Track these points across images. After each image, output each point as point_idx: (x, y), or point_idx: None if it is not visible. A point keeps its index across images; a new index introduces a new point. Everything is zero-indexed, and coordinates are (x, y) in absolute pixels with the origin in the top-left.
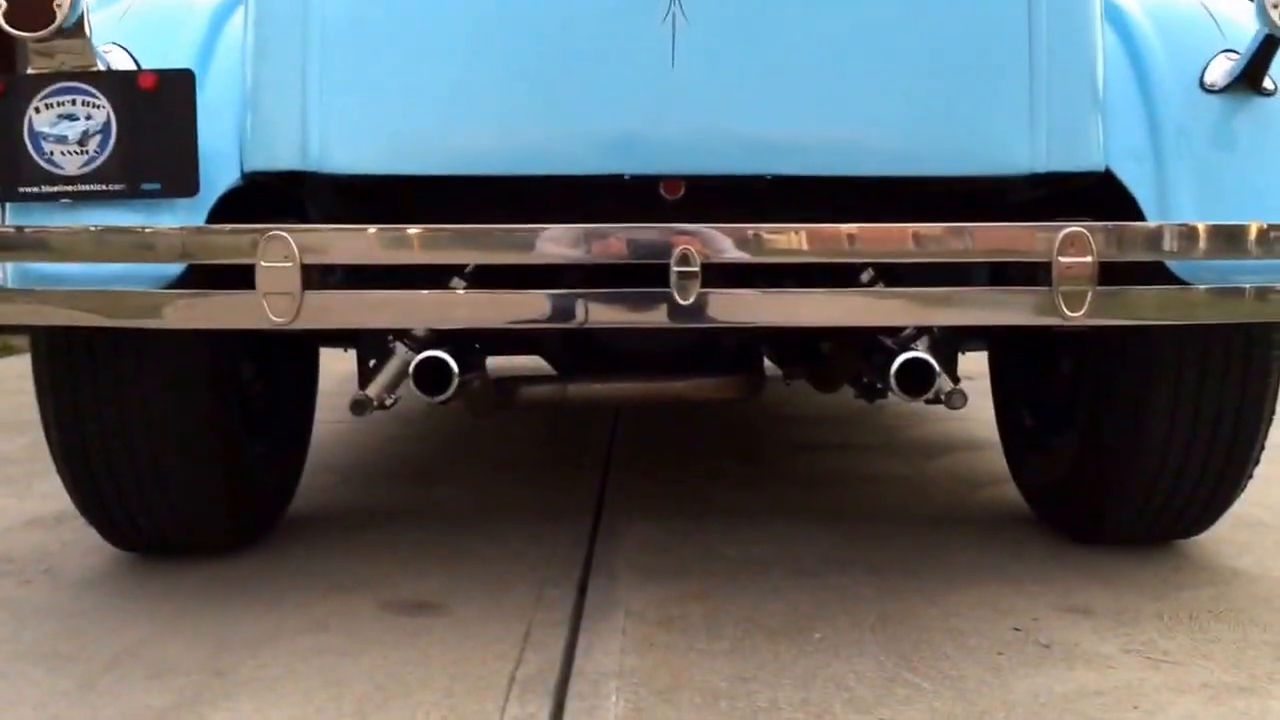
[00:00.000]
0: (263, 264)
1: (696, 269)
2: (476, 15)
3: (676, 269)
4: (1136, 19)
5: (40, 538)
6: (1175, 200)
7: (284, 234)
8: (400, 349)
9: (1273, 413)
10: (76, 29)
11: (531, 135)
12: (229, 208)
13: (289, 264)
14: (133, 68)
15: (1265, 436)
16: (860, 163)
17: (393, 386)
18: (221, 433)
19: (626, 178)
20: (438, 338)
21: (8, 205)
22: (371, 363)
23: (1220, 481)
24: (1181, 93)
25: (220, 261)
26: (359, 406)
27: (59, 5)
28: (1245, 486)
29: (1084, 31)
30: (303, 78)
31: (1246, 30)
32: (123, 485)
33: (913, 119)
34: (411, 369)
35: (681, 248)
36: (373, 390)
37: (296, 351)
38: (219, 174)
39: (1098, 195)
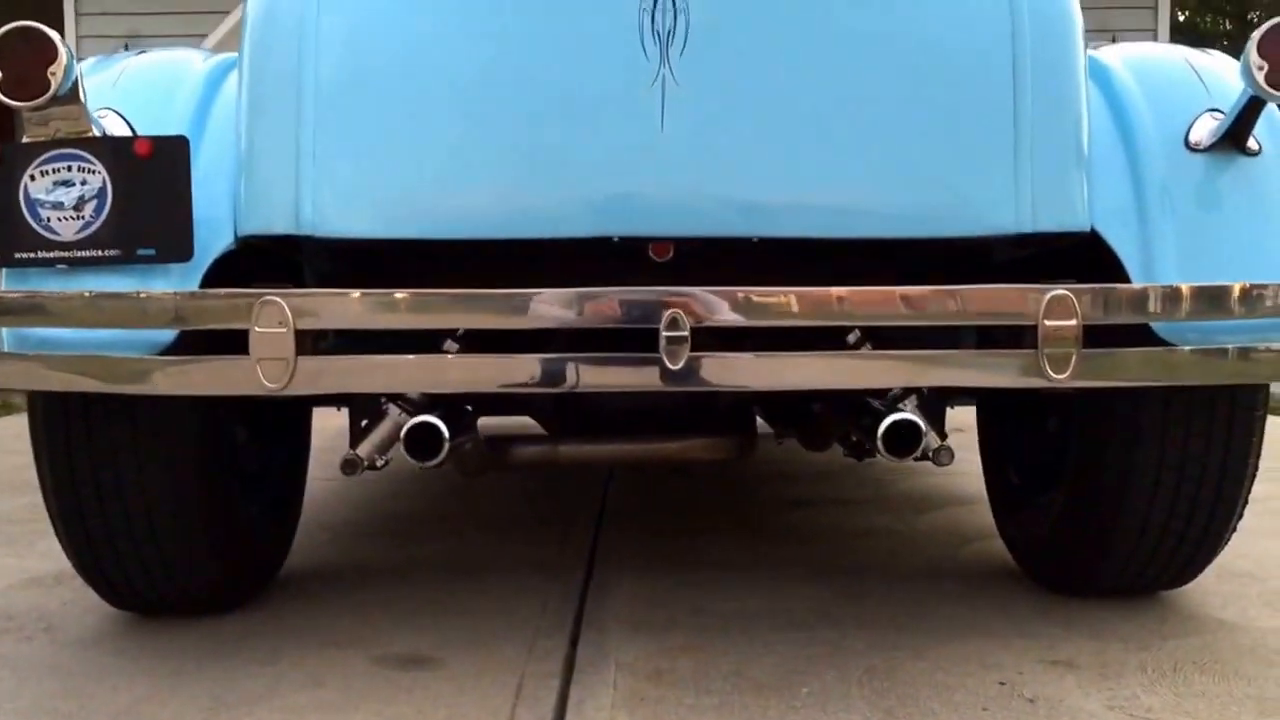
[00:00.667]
0: (256, 329)
1: (686, 333)
2: (467, 81)
3: (666, 333)
4: (1121, 77)
5: (40, 596)
6: (1159, 260)
7: (278, 299)
8: (393, 410)
9: (1256, 469)
10: (71, 96)
11: (522, 199)
12: (223, 267)
13: (283, 329)
14: (128, 133)
15: (1249, 492)
16: (848, 225)
17: (384, 448)
18: (216, 495)
19: (615, 240)
20: (430, 400)
21: (5, 270)
22: (363, 423)
23: (1205, 536)
24: (1166, 152)
25: (215, 327)
26: (350, 466)
27: (53, 74)
28: (1229, 540)
29: (1069, 93)
30: (296, 143)
31: (1231, 88)
32: (118, 546)
33: (899, 182)
34: (403, 434)
35: (671, 312)
36: (364, 450)
37: (289, 411)
38: (213, 238)
39: (1084, 250)
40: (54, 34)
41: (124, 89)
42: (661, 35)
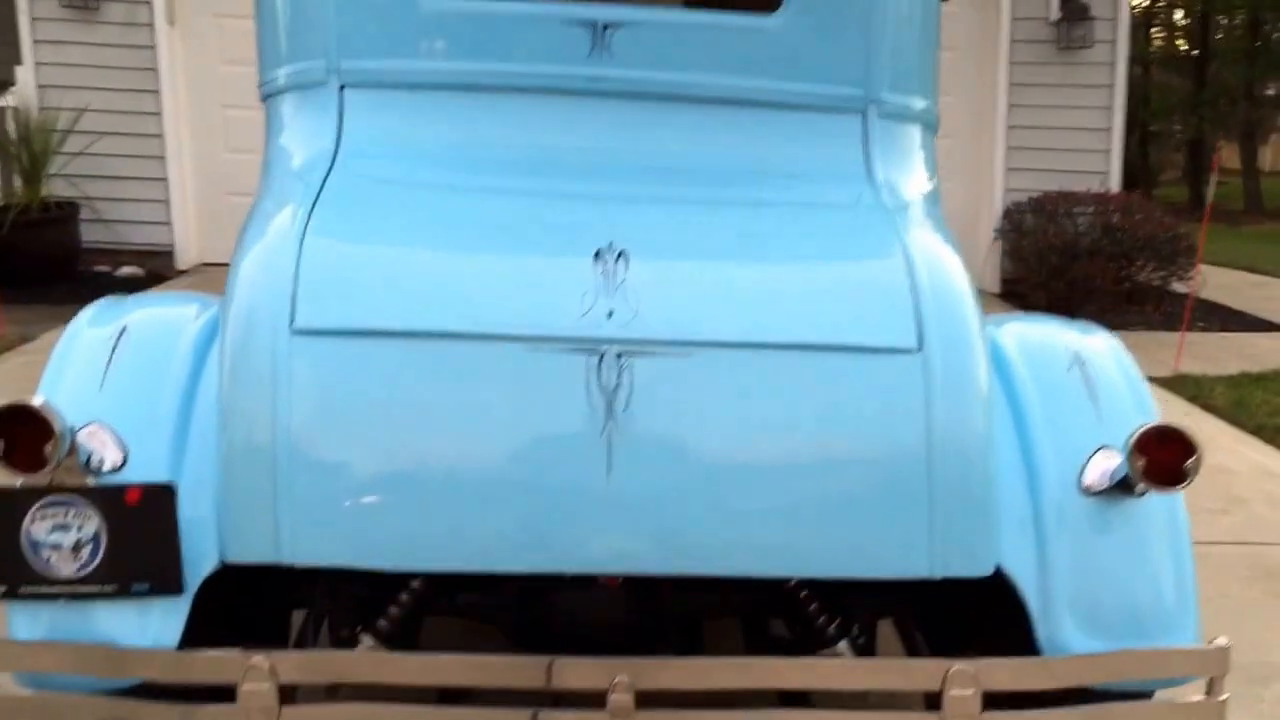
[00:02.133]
0: (244, 687)
1: (630, 696)
2: (428, 432)
3: (614, 696)
4: (1031, 411)
5: None
6: (1055, 596)
7: (263, 663)
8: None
9: None
10: (68, 456)
11: (480, 539)
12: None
13: (268, 685)
14: (115, 448)
15: None
16: (778, 566)
17: None
18: None
19: (568, 577)
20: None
21: (9, 603)
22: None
23: None
24: (1063, 496)
25: (205, 682)
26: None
27: (49, 451)
28: None
29: (978, 459)
30: (273, 485)
31: (1124, 423)
32: None
33: (826, 530)
34: None
35: (618, 677)
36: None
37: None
38: (200, 563)
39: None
40: (50, 413)
41: (109, 396)
42: (607, 391)
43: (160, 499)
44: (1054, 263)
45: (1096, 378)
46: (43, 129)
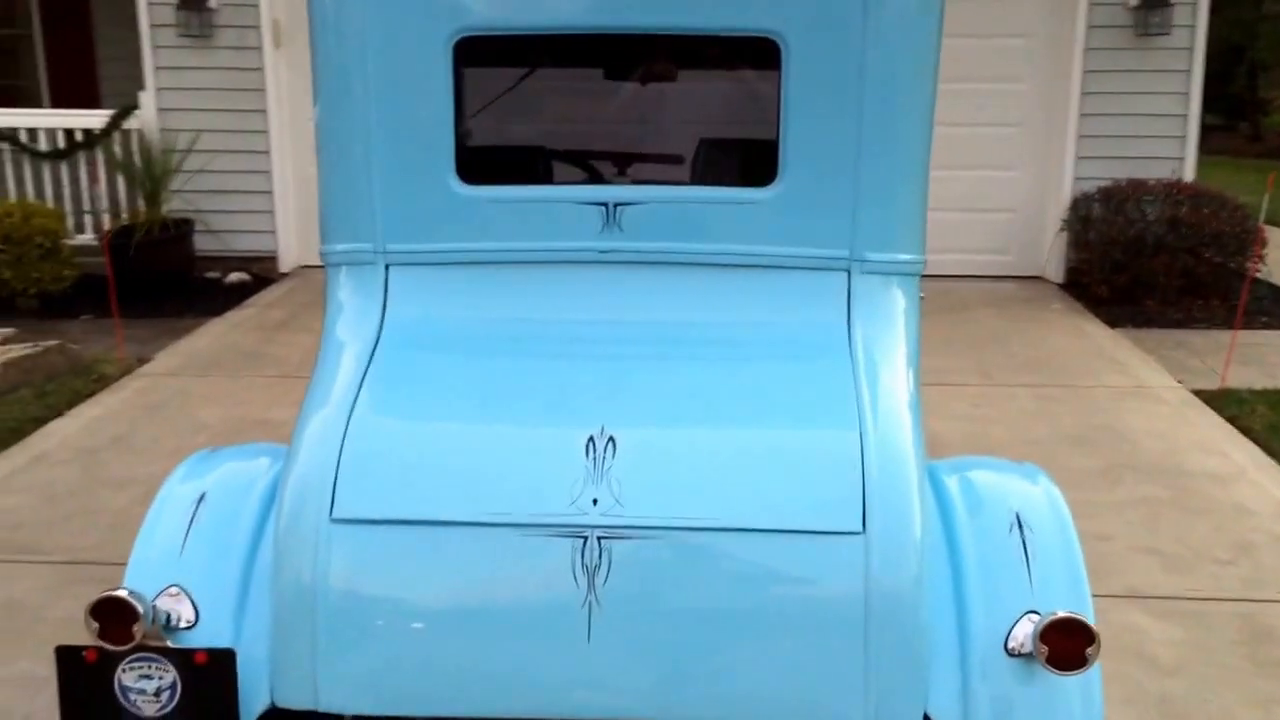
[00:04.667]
0: None
1: None
2: (440, 607)
3: None
4: (969, 570)
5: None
6: None
7: None
8: None
9: None
10: (152, 628)
11: (481, 691)
12: None
13: None
14: (190, 608)
15: None
16: (732, 714)
17: None
18: None
19: None
20: None
21: None
22: None
23: None
24: (989, 653)
25: None
26: None
27: (136, 630)
28: None
29: (909, 622)
30: (313, 649)
31: (1054, 590)
32: None
33: (776, 688)
34: None
35: None
36: None
37: None
38: (254, 703)
39: None
40: (136, 602)
41: (187, 562)
42: (589, 568)
43: (223, 660)
44: (1118, 258)
45: (1034, 541)
46: (164, 151)
